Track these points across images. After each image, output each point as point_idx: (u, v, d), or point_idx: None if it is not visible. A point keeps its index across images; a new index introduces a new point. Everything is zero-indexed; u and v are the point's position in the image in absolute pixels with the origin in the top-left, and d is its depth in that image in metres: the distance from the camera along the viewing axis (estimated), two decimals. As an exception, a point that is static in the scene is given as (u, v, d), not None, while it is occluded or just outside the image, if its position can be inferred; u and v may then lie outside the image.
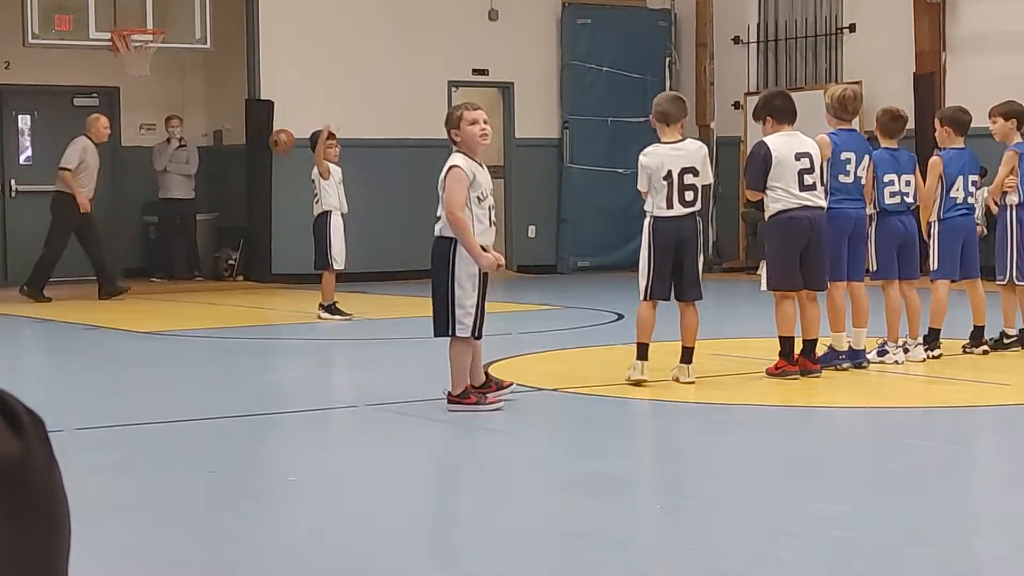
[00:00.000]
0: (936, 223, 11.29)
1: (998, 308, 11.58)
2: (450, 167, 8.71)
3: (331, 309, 14.88)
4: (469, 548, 5.74)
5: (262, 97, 20.51)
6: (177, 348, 13.16)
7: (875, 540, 5.62)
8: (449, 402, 8.89)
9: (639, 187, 9.86)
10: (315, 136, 15.13)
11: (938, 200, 11.24)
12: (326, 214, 14.86)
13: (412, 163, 20.23)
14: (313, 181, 14.96)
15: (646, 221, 9.81)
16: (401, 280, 18.97)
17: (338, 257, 14.88)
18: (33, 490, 1.11)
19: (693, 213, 9.80)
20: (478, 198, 8.73)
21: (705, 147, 10.04)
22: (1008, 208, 11.59)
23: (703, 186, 9.86)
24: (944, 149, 11.41)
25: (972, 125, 11.56)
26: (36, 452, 1.11)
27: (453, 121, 8.84)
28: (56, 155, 18.19)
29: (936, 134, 11.51)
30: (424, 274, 9.25)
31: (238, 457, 7.83)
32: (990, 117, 11.67)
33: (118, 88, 21.28)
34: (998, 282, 11.63)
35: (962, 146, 11.36)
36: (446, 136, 8.95)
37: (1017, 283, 11.58)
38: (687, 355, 9.84)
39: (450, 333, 8.73)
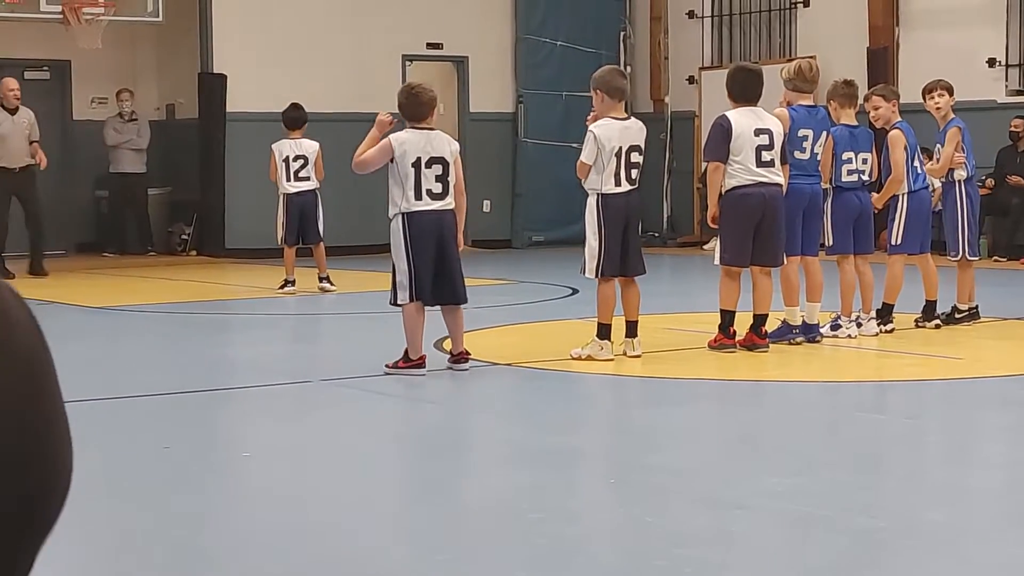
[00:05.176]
0: (904, 197, 11.23)
1: (950, 283, 11.64)
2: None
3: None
4: (423, 523, 5.73)
5: (215, 70, 20.38)
6: (130, 323, 13.08)
7: (828, 513, 5.64)
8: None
9: (585, 159, 9.77)
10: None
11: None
12: (316, 191, 15.18)
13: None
14: (305, 157, 15.03)
15: (592, 199, 9.77)
16: (349, 255, 18.84)
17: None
18: (17, 339, 1.14)
19: (636, 189, 9.84)
20: None
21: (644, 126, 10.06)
22: (956, 184, 11.62)
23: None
24: (897, 121, 11.37)
25: (920, 100, 11.73)
26: (13, 304, 1.14)
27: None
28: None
29: (880, 111, 11.35)
30: (371, 248, 9.32)
31: (192, 432, 7.80)
32: (933, 92, 11.57)
33: (69, 61, 21.09)
34: (951, 258, 11.68)
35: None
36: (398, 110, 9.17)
37: (969, 259, 11.63)
38: (632, 329, 9.88)
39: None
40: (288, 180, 15.00)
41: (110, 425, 7.90)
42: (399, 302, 9.19)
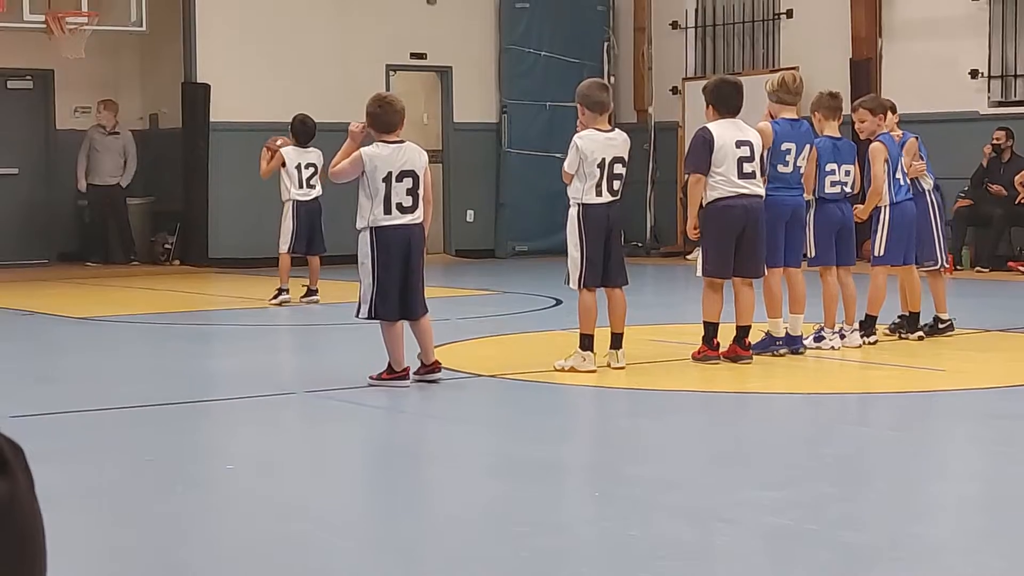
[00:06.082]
0: (886, 209, 11.25)
1: (925, 293, 11.66)
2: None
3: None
4: (408, 535, 5.73)
5: (198, 80, 20.37)
6: (113, 334, 13.06)
7: (811, 526, 5.65)
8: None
9: (567, 168, 9.78)
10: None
11: (887, 185, 11.23)
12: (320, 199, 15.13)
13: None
14: (315, 165, 14.96)
15: (574, 210, 9.77)
16: (331, 266, 18.80)
17: None
18: (18, 524, 1.15)
19: (618, 200, 9.85)
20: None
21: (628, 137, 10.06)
22: (926, 193, 11.67)
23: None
24: (880, 134, 11.38)
25: (903, 111, 11.78)
26: (21, 487, 1.15)
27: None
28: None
29: (865, 124, 11.37)
30: (353, 259, 9.32)
31: (175, 445, 7.78)
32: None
33: (52, 71, 21.07)
34: (928, 267, 11.69)
35: (887, 131, 11.40)
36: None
37: (944, 267, 11.70)
38: (617, 340, 9.89)
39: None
40: (299, 188, 14.93)
41: (93, 437, 7.88)
42: (360, 316, 9.22)
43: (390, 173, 9.08)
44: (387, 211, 9.08)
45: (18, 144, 21.12)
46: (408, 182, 9.12)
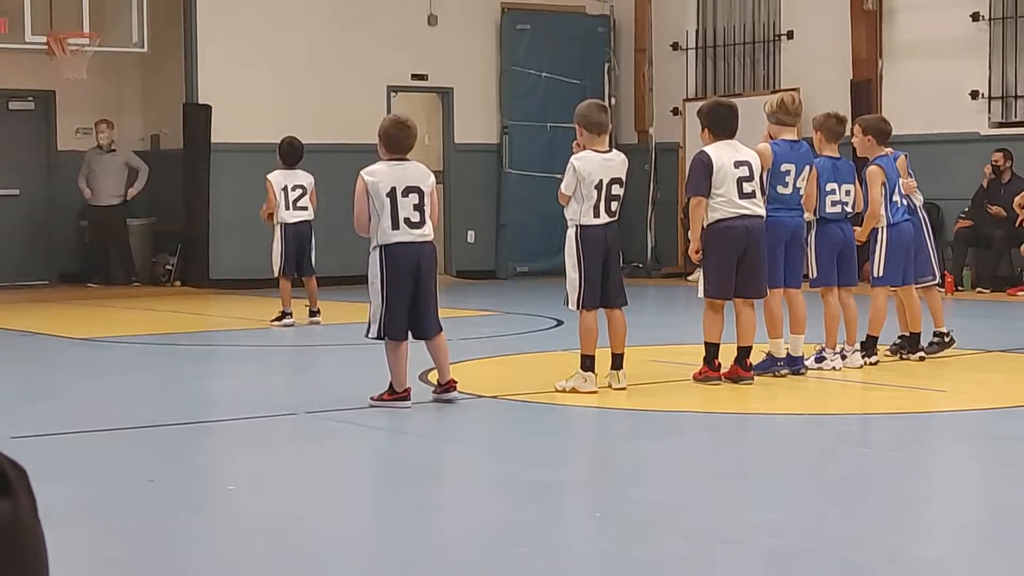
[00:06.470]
0: (884, 230, 11.27)
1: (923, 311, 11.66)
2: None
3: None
4: (408, 554, 5.72)
5: (199, 101, 20.39)
6: (113, 354, 13.06)
7: (812, 547, 5.65)
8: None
9: (564, 190, 9.77)
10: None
11: (884, 206, 11.25)
12: (311, 222, 15.09)
13: (350, 168, 20.13)
14: (303, 186, 14.95)
15: (571, 231, 9.77)
16: (336, 286, 18.83)
17: None
18: (20, 544, 1.17)
19: (615, 221, 9.84)
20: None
21: (626, 158, 10.07)
22: (918, 211, 11.70)
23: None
24: (877, 156, 11.39)
25: (903, 132, 11.69)
26: (24, 508, 1.17)
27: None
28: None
29: (856, 142, 11.42)
30: (355, 280, 9.32)
31: (176, 466, 7.77)
32: (875, 136, 11.55)
33: (54, 92, 21.10)
34: (925, 283, 11.67)
35: (885, 153, 11.40)
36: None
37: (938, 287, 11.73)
38: (618, 361, 9.89)
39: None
40: (287, 209, 14.91)
41: (95, 457, 7.88)
42: (370, 336, 9.22)
43: (394, 188, 9.10)
44: (395, 226, 9.09)
45: (19, 165, 21.12)
46: (414, 198, 9.14)
